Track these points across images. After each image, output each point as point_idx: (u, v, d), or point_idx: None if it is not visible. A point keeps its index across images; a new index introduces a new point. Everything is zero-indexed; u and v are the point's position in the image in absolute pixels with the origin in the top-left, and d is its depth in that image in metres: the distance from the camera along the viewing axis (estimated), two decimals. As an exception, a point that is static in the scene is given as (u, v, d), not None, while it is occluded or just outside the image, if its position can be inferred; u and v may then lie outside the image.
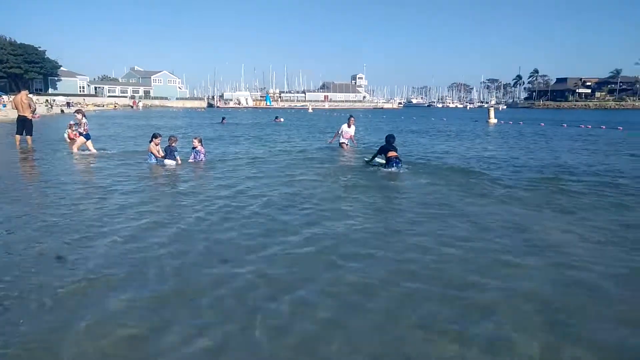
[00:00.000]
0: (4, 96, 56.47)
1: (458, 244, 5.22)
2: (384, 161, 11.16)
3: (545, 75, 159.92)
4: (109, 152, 14.15)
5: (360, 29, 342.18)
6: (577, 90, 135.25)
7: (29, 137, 15.15)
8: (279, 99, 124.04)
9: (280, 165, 11.82)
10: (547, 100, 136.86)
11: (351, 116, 15.74)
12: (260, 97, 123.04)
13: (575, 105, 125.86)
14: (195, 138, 12.02)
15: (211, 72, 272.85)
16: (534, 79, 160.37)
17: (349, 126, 15.42)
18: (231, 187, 8.51)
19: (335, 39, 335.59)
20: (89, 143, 13.73)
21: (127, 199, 7.43)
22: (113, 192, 7.99)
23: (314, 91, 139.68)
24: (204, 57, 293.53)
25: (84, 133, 13.58)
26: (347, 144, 15.49)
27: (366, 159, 12.12)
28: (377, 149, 11.62)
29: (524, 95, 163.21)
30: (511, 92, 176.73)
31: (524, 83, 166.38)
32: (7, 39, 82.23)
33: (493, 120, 37.29)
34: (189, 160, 11.60)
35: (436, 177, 9.97)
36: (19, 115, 15.10)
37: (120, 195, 7.73)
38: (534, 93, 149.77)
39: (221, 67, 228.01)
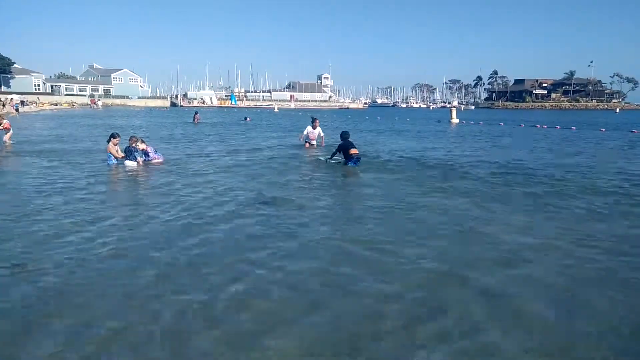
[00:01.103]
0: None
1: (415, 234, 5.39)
2: (342, 158, 11.41)
3: (504, 77, 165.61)
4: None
5: (326, 29, 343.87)
6: (534, 91, 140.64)
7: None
8: (245, 99, 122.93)
9: (246, 166, 11.75)
10: (506, 100, 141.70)
11: (315, 118, 16.14)
12: (225, 96, 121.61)
13: (532, 105, 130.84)
14: (138, 139, 11.31)
15: (174, 71, 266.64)
16: (494, 80, 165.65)
17: (313, 128, 15.88)
18: (193, 187, 8.42)
19: (301, 39, 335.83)
20: None
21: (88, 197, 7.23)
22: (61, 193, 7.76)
23: (280, 91, 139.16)
24: (166, 56, 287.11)
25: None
26: (312, 144, 15.93)
27: (326, 158, 12.27)
28: (337, 146, 11.78)
29: (484, 95, 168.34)
30: (472, 92, 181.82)
31: (484, 84, 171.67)
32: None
33: (455, 120, 38.27)
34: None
35: (396, 174, 10.19)
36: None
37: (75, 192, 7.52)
38: (494, 94, 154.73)
39: (184, 65, 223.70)
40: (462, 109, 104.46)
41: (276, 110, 77.22)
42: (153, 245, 5.18)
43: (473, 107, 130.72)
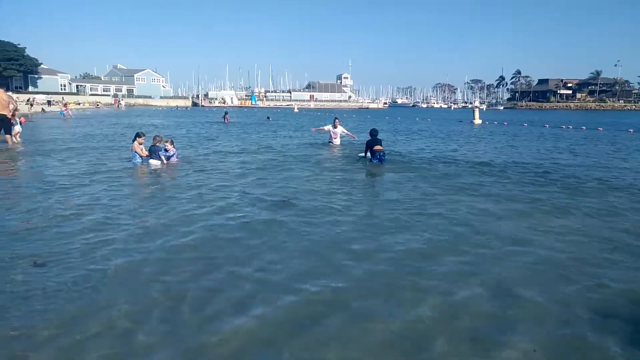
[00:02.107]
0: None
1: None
2: (369, 155, 11.92)
3: (527, 76, 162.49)
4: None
5: (346, 29, 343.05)
6: (558, 91, 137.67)
7: (7, 136, 14.79)
8: (264, 99, 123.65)
9: (272, 164, 11.76)
10: (530, 101, 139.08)
11: (336, 118, 16.79)
12: (246, 96, 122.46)
13: (556, 106, 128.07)
14: (167, 141, 11.60)
15: (195, 71, 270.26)
16: (517, 79, 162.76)
17: (334, 127, 16.32)
18: (224, 186, 8.44)
19: (321, 39, 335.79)
20: None
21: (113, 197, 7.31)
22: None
23: (300, 91, 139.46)
24: (188, 56, 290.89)
25: None
26: (333, 143, 16.28)
27: (360, 155, 12.73)
28: (365, 144, 12.25)
29: (506, 95, 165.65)
30: (494, 92, 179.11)
31: (506, 84, 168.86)
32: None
33: (477, 121, 37.61)
34: (160, 161, 11.06)
35: (417, 174, 10.03)
36: (-1, 114, 14.69)
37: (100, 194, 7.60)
38: (517, 94, 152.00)
39: (205, 66, 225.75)
40: (485, 109, 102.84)
41: (296, 110, 77.37)
42: (188, 244, 5.19)
43: (502, 108, 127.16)
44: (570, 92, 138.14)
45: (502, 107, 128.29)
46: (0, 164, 11.68)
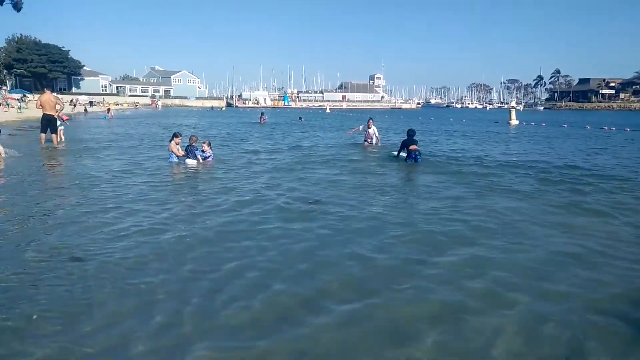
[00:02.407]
0: (28, 95, 57.79)
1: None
2: (405, 154, 12.12)
3: (567, 76, 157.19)
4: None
5: (379, 29, 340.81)
6: (600, 91, 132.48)
7: (54, 135, 15.47)
8: (297, 99, 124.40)
9: (306, 164, 11.87)
10: (569, 101, 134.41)
11: (370, 118, 17.10)
12: (278, 97, 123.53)
13: (598, 106, 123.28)
14: (204, 142, 11.96)
15: (230, 72, 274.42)
16: (556, 79, 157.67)
17: (368, 127, 16.56)
18: (266, 184, 8.58)
19: (354, 39, 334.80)
20: None
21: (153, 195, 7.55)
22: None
23: (332, 91, 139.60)
24: (222, 57, 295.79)
25: None
26: (368, 143, 16.61)
27: (394, 154, 13.00)
28: (400, 143, 12.53)
29: (544, 96, 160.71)
30: (532, 92, 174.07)
31: (545, 84, 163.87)
32: (32, 39, 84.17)
33: (514, 121, 36.61)
34: (196, 160, 11.33)
35: (452, 175, 9.88)
36: (44, 114, 15.39)
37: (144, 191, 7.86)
38: (556, 94, 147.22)
39: (240, 67, 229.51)
40: (522, 109, 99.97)
41: (328, 110, 77.49)
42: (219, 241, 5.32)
43: (542, 108, 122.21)
44: (613, 92, 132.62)
45: (542, 108, 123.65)
46: (47, 161, 12.26)
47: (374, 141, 16.55)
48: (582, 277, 4.42)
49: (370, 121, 16.63)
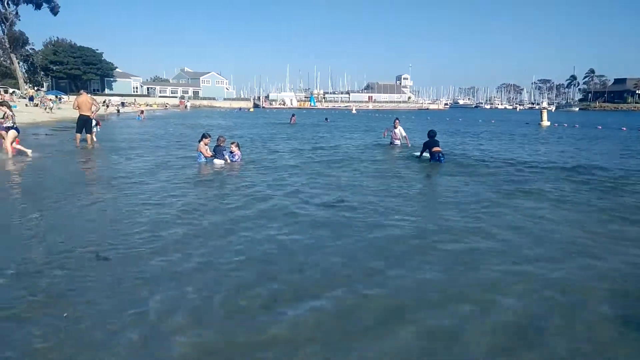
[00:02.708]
0: (64, 96, 59.85)
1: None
2: (429, 155, 12.22)
3: (602, 76, 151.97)
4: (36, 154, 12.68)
5: (406, 29, 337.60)
6: (637, 92, 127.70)
7: (88, 135, 15.97)
8: (323, 100, 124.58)
9: (333, 164, 11.91)
10: (604, 101, 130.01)
11: (396, 118, 17.20)
12: (305, 97, 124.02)
13: (635, 107, 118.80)
14: (233, 142, 12.12)
15: (257, 73, 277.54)
16: (590, 79, 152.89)
17: (394, 127, 16.66)
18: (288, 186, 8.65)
19: (381, 40, 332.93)
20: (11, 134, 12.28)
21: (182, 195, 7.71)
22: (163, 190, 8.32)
23: (358, 92, 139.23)
24: (250, 59, 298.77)
25: (14, 126, 12.28)
26: (395, 144, 16.63)
27: (416, 155, 13.11)
28: (422, 145, 12.63)
29: (578, 96, 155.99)
30: (564, 93, 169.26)
31: (578, 84, 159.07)
32: (68, 42, 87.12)
33: (546, 123, 35.64)
34: (223, 161, 11.55)
35: (483, 178, 9.71)
36: (81, 114, 15.90)
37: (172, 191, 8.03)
38: (590, 94, 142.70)
39: (267, 68, 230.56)
40: (554, 110, 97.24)
41: (354, 111, 77.33)
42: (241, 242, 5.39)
43: (577, 109, 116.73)
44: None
45: (577, 109, 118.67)
46: (82, 160, 12.68)
47: (402, 142, 16.48)
48: None
49: (397, 121, 16.68)
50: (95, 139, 16.92)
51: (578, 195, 8.31)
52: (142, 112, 42.33)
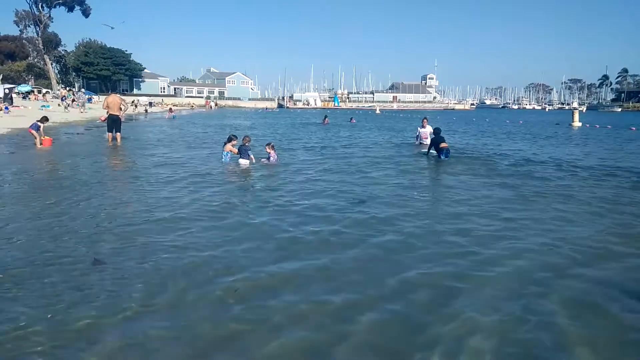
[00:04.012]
0: (94, 96, 61.40)
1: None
2: (435, 152, 13.13)
3: (636, 75, 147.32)
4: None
5: (432, 28, 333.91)
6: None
7: (118, 134, 16.37)
8: (347, 100, 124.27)
9: (358, 164, 11.89)
10: (638, 102, 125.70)
11: (424, 117, 17.44)
12: (329, 97, 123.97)
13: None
14: (268, 144, 12.42)
15: (282, 73, 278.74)
16: (623, 79, 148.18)
17: (423, 127, 16.77)
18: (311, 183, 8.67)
19: (406, 39, 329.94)
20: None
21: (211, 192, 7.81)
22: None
23: (383, 92, 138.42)
24: (275, 59, 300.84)
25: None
26: (424, 143, 16.29)
27: (424, 152, 14.11)
28: (430, 141, 13.68)
29: (610, 96, 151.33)
30: (596, 93, 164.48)
31: (611, 84, 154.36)
32: (98, 43, 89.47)
33: (577, 123, 34.67)
34: (262, 161, 11.85)
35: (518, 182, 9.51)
36: (110, 114, 16.32)
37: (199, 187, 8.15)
38: (623, 94, 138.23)
39: (291, 68, 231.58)
40: (584, 110, 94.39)
41: (378, 111, 76.88)
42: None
43: (619, 110, 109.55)
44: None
45: (619, 109, 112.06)
46: (112, 158, 13.02)
47: (429, 141, 16.30)
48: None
49: (425, 120, 16.82)
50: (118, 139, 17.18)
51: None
52: (170, 110, 43.17)
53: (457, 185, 9.16)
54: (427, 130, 16.48)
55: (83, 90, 62.86)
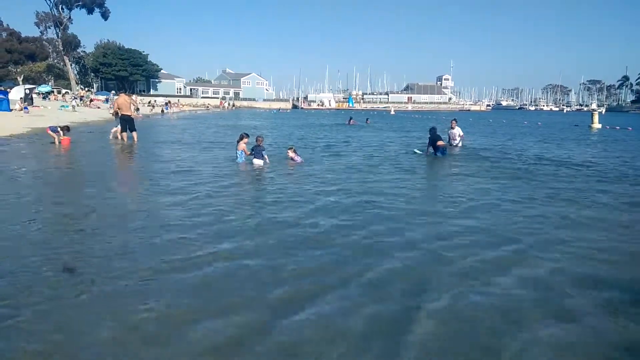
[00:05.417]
0: (109, 96, 62.20)
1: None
2: (432, 150, 13.83)
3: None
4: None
5: (448, 29, 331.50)
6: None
7: (134, 133, 16.54)
8: (362, 101, 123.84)
9: (378, 166, 11.81)
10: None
11: (453, 119, 17.46)
12: (343, 98, 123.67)
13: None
14: (290, 148, 12.59)
15: (297, 74, 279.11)
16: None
17: (452, 128, 16.91)
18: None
19: (421, 40, 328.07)
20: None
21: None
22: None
23: (397, 93, 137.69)
24: (290, 59, 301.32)
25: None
26: (453, 144, 16.51)
27: (423, 151, 14.62)
28: (428, 140, 14.15)
29: (630, 97, 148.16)
30: (616, 94, 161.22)
31: (631, 85, 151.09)
32: (116, 44, 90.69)
33: (597, 125, 33.98)
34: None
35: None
36: (122, 114, 16.52)
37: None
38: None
39: (306, 68, 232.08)
40: (603, 112, 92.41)
41: (392, 112, 76.47)
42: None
43: None
44: None
45: None
46: (124, 155, 13.13)
47: (459, 142, 16.69)
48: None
49: (454, 122, 16.92)
50: (119, 136, 17.13)
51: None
52: (170, 103, 43.42)
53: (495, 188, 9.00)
54: (456, 132, 16.72)
55: (94, 91, 63.51)
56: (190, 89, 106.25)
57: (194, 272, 4.34)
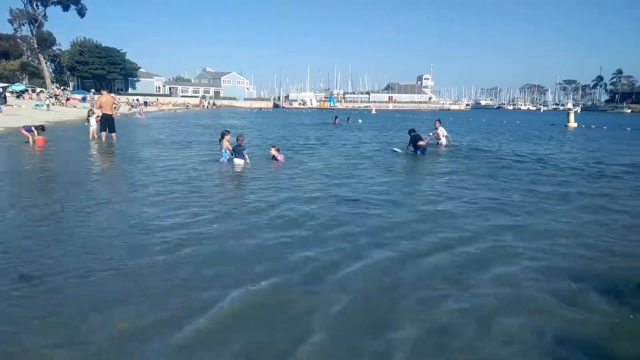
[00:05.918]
0: (87, 95, 60.98)
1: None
2: (413, 149, 14.32)
3: (630, 76, 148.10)
4: None
5: (427, 29, 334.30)
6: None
7: (113, 134, 16.20)
8: (343, 100, 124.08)
9: (360, 164, 11.81)
10: (632, 102, 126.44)
11: (437, 119, 17.75)
12: (325, 97, 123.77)
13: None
14: (274, 147, 12.41)
15: (278, 73, 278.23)
16: (617, 80, 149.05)
17: (436, 128, 17.13)
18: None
19: (402, 40, 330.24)
20: None
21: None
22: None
23: (378, 92, 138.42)
24: (271, 59, 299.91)
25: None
26: (440, 143, 16.84)
27: (396, 150, 15.25)
28: (408, 141, 14.71)
29: (604, 97, 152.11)
30: (590, 94, 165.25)
31: (605, 85, 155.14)
32: (93, 42, 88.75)
33: (573, 124, 34.74)
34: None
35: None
36: (104, 113, 16.15)
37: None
38: (617, 95, 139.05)
39: (287, 68, 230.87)
40: (579, 111, 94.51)
41: (373, 111, 76.83)
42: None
43: (629, 111, 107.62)
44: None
45: (629, 110, 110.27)
46: (101, 156, 12.86)
47: (444, 141, 16.85)
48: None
49: (437, 122, 17.13)
50: (96, 135, 16.81)
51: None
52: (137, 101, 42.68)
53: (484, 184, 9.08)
54: (440, 132, 16.99)
55: (56, 89, 62.16)
56: (170, 88, 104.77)
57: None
